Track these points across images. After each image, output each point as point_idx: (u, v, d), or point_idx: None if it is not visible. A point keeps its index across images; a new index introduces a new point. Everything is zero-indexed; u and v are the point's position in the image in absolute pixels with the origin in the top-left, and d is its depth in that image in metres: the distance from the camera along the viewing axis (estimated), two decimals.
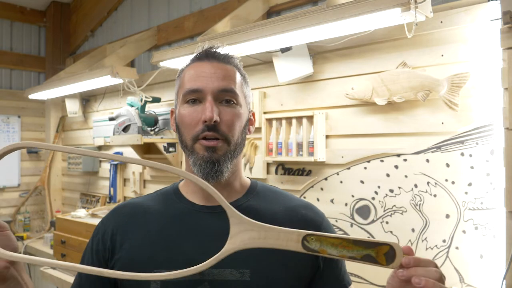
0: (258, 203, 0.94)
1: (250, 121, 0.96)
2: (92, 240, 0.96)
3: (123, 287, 0.90)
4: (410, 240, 1.66)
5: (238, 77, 0.92)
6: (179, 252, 0.86)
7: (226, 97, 0.88)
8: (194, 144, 0.87)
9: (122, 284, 0.90)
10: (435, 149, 1.61)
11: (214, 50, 0.92)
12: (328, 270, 0.93)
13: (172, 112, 0.99)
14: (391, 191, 1.72)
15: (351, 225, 1.85)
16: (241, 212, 0.85)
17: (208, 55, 0.91)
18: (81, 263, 0.94)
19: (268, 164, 2.18)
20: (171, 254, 0.86)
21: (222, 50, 0.93)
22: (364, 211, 1.81)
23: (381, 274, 1.75)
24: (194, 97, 0.88)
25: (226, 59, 0.91)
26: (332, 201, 1.92)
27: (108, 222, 0.95)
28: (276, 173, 2.14)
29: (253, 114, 0.98)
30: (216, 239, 0.84)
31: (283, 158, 2.02)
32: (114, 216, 0.96)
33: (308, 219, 0.94)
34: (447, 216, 1.57)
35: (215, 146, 0.86)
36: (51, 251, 3.09)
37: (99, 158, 3.41)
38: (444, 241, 1.58)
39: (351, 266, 1.84)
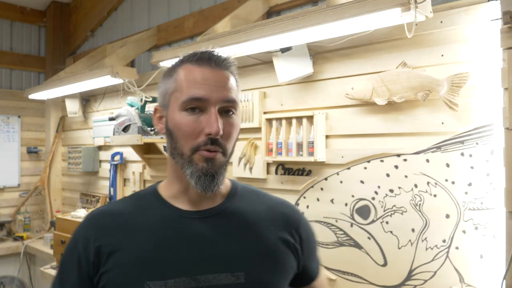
0: (242, 205, 0.95)
1: None
2: (71, 254, 0.89)
3: None
4: (410, 240, 1.67)
5: (235, 84, 0.90)
6: (173, 262, 0.84)
7: (227, 108, 0.86)
8: (193, 154, 0.85)
9: None
10: (435, 149, 1.61)
11: (215, 53, 0.88)
12: (308, 261, 1.00)
13: (156, 110, 0.93)
14: (391, 191, 1.72)
15: (351, 225, 1.85)
16: (228, 215, 0.90)
17: (209, 59, 0.87)
18: (63, 279, 0.89)
19: (268, 164, 2.17)
20: (165, 264, 0.83)
21: (221, 53, 0.89)
22: (364, 211, 1.81)
23: (381, 274, 1.75)
24: (195, 106, 0.84)
25: (225, 65, 0.89)
26: (332, 201, 1.92)
27: (89, 234, 0.87)
28: (276, 173, 2.14)
29: None
30: (208, 245, 0.86)
31: (283, 158, 2.02)
32: (94, 227, 0.89)
33: (288, 216, 0.99)
34: (447, 216, 1.57)
35: (214, 157, 0.85)
36: (51, 251, 3.09)
37: (99, 158, 3.42)
38: (444, 241, 1.58)
39: (351, 266, 1.84)
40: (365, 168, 1.81)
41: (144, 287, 0.81)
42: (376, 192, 1.77)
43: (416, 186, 1.65)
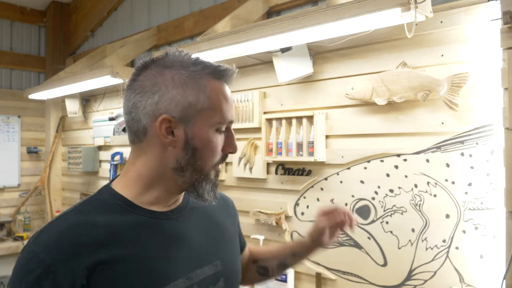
0: (196, 201, 0.96)
1: None
2: (41, 281, 0.72)
3: None
4: (410, 240, 1.67)
5: None
6: (166, 267, 0.84)
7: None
8: (211, 170, 0.89)
9: None
10: (435, 149, 1.61)
11: (231, 70, 0.89)
12: (240, 235, 1.15)
13: (164, 120, 0.83)
14: (391, 191, 1.72)
15: None
16: (193, 211, 0.97)
17: (228, 77, 0.89)
18: None
19: (268, 164, 2.17)
20: (160, 271, 0.83)
21: (233, 69, 0.90)
22: (364, 211, 1.81)
23: (381, 274, 1.75)
24: (227, 128, 0.89)
25: None
26: (332, 201, 1.92)
27: (64, 257, 0.75)
28: (276, 173, 2.14)
29: None
30: (190, 243, 0.91)
31: (283, 158, 2.02)
32: (71, 246, 0.76)
33: (226, 202, 1.12)
34: (447, 216, 1.57)
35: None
36: None
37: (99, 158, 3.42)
38: (444, 241, 1.58)
39: (351, 266, 1.84)
40: (365, 168, 1.81)
41: None
42: (376, 192, 1.77)
43: (416, 186, 1.65)
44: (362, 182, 1.82)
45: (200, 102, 0.84)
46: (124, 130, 2.64)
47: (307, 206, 2.01)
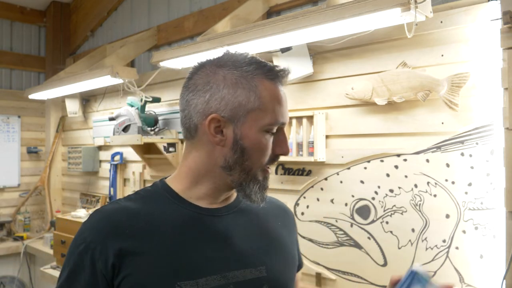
0: (251, 204, 0.96)
1: None
2: (81, 258, 0.81)
3: None
4: (410, 240, 1.67)
5: None
6: (201, 261, 0.84)
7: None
8: (260, 171, 0.89)
9: None
10: (435, 149, 1.61)
11: (284, 71, 0.89)
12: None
13: (213, 119, 0.85)
14: (391, 191, 1.72)
15: (351, 225, 1.85)
16: (243, 212, 0.95)
17: (281, 78, 0.89)
18: (72, 281, 0.82)
19: None
20: (193, 263, 0.83)
21: (286, 69, 0.90)
22: (364, 211, 1.81)
23: (381, 274, 1.75)
24: (278, 129, 0.88)
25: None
26: (332, 201, 1.92)
27: (103, 236, 0.82)
28: (276, 173, 2.14)
29: None
30: (231, 242, 0.89)
31: (283, 158, 2.01)
32: (109, 229, 0.83)
33: (286, 211, 1.08)
34: (447, 216, 1.57)
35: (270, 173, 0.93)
36: (51, 251, 3.09)
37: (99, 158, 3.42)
38: (444, 241, 1.58)
39: (351, 266, 1.84)
40: (365, 168, 1.81)
41: None
42: (376, 192, 1.77)
43: (416, 186, 1.65)
44: (362, 182, 1.82)
45: (250, 102, 0.84)
46: (124, 130, 2.64)
47: (307, 206, 2.01)
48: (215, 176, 0.89)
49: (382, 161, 1.75)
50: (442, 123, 1.59)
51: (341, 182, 1.89)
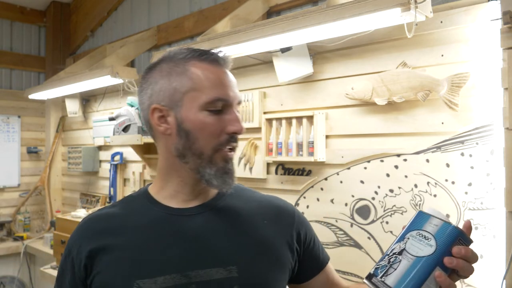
0: (233, 201, 0.95)
1: None
2: (65, 261, 0.90)
3: None
4: None
5: None
6: (162, 259, 0.84)
7: (237, 108, 0.90)
8: (214, 154, 0.86)
9: None
10: (435, 149, 1.61)
11: (221, 53, 0.90)
12: (309, 251, 1.00)
13: (155, 110, 0.88)
14: (391, 191, 1.72)
15: (351, 225, 1.85)
16: (219, 211, 0.91)
17: (219, 59, 0.88)
18: (60, 283, 0.92)
19: (268, 164, 2.17)
20: (154, 262, 0.83)
21: (224, 53, 0.91)
22: (364, 211, 1.81)
23: None
24: (220, 107, 0.86)
25: (229, 65, 0.91)
26: (332, 201, 1.92)
27: (80, 240, 0.89)
28: (276, 173, 2.14)
29: None
30: (199, 241, 0.87)
31: (283, 158, 2.02)
32: (86, 233, 0.90)
33: (282, 209, 1.00)
34: (447, 216, 1.57)
35: (232, 157, 0.90)
36: (51, 251, 3.09)
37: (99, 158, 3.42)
38: None
39: (351, 266, 1.84)
40: (365, 168, 1.81)
41: (133, 285, 0.81)
42: (376, 192, 1.77)
43: (416, 186, 1.65)
44: (362, 182, 1.82)
45: (184, 86, 0.85)
46: (124, 130, 2.64)
47: (307, 206, 2.01)
48: (178, 170, 0.90)
49: (382, 161, 1.75)
50: (442, 123, 1.59)
51: (341, 182, 1.89)
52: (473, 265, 0.75)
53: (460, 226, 0.79)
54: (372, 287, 0.77)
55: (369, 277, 0.78)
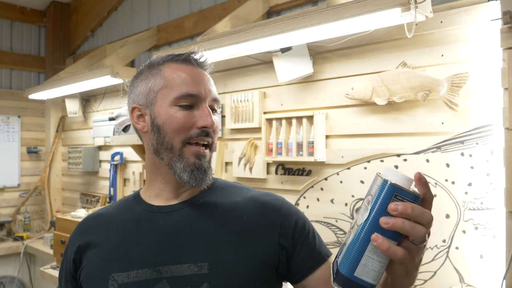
0: (215, 198, 0.95)
1: None
2: (63, 260, 0.98)
3: None
4: None
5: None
6: (136, 254, 0.87)
7: (214, 106, 0.93)
8: (184, 147, 0.88)
9: None
10: (435, 149, 1.61)
11: (197, 55, 0.93)
12: (302, 247, 0.93)
13: (134, 109, 0.93)
14: None
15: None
16: (198, 207, 0.92)
17: (196, 61, 0.93)
18: (60, 279, 1.00)
19: (268, 164, 2.17)
20: (129, 257, 0.88)
21: (201, 54, 0.94)
22: None
23: None
24: (190, 103, 0.88)
25: (208, 68, 0.95)
26: (332, 201, 1.92)
27: (74, 238, 0.97)
28: (276, 173, 2.14)
29: None
30: (172, 237, 0.89)
31: (283, 158, 2.02)
32: (78, 232, 0.98)
33: (268, 204, 0.95)
34: (447, 216, 1.57)
35: (205, 154, 0.90)
36: (51, 251, 3.09)
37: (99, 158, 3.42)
38: (444, 241, 1.58)
39: None
40: (365, 168, 1.81)
41: (109, 278, 0.86)
42: None
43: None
44: (362, 182, 1.82)
45: (157, 85, 0.90)
46: (124, 130, 2.64)
47: (307, 206, 2.01)
48: (159, 168, 0.92)
49: (382, 161, 1.75)
50: (442, 123, 1.59)
51: (341, 182, 1.89)
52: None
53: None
54: (331, 270, 0.70)
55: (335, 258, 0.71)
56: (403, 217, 0.61)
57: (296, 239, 0.92)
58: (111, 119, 2.75)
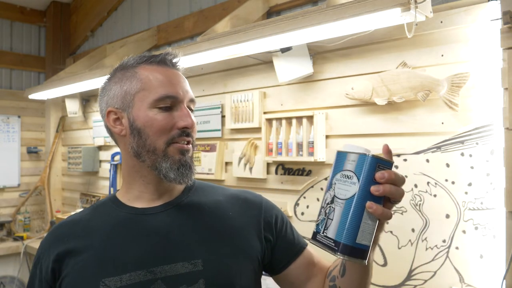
0: (199, 198, 0.97)
1: None
2: (35, 269, 0.93)
3: None
4: (410, 240, 1.67)
5: None
6: (127, 257, 0.86)
7: (191, 106, 0.94)
8: (168, 147, 0.89)
9: None
10: (435, 149, 1.61)
11: (170, 55, 0.94)
12: (283, 238, 1.00)
13: (110, 113, 0.92)
14: None
15: None
16: (184, 207, 0.94)
17: (171, 62, 0.94)
18: None
19: (268, 164, 2.17)
20: (119, 260, 0.86)
21: (174, 55, 0.95)
22: None
23: (381, 274, 1.75)
24: (169, 104, 0.89)
25: (182, 69, 0.96)
26: None
27: (48, 246, 0.92)
28: (276, 173, 2.14)
29: None
30: (163, 237, 0.89)
31: (283, 158, 2.02)
32: (53, 239, 0.93)
33: (249, 201, 1.02)
34: (447, 216, 1.57)
35: (189, 149, 0.91)
36: None
37: (99, 158, 3.42)
38: (444, 241, 1.58)
39: None
40: None
41: (100, 284, 0.83)
42: None
43: (416, 186, 1.65)
44: None
45: (133, 87, 0.90)
46: None
47: (307, 206, 2.01)
48: (139, 171, 0.92)
49: None
50: (442, 123, 1.59)
51: None
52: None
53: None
54: (318, 245, 0.76)
55: (313, 236, 0.78)
56: (388, 182, 0.72)
57: (278, 231, 1.00)
58: None
